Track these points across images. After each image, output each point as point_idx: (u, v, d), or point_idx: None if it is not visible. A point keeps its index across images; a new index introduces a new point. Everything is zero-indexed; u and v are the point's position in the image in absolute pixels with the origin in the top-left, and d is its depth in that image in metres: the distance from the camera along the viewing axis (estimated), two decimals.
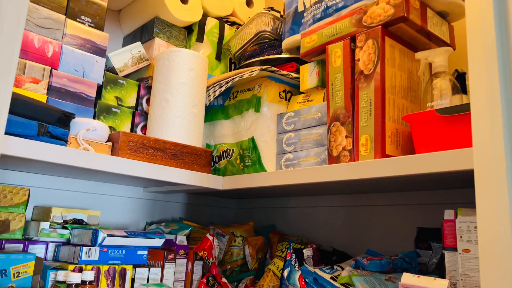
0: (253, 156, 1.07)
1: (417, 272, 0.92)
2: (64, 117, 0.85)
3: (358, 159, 0.84)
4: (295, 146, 1.01)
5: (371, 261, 0.90)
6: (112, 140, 0.96)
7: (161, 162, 1.00)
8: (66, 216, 1.03)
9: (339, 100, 0.90)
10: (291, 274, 0.87)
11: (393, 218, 1.10)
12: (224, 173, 1.16)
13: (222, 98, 1.20)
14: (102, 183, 1.21)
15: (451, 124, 0.73)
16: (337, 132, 0.89)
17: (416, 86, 0.91)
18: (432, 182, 0.87)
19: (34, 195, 1.09)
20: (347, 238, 1.19)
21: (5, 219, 0.95)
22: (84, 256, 0.91)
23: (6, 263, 0.83)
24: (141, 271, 0.99)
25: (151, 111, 1.10)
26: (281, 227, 1.38)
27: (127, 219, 1.26)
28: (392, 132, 0.83)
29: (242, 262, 1.22)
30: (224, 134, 1.17)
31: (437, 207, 1.02)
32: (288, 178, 0.94)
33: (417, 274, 0.77)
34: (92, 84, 1.03)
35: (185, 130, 1.07)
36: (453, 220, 0.77)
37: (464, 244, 0.74)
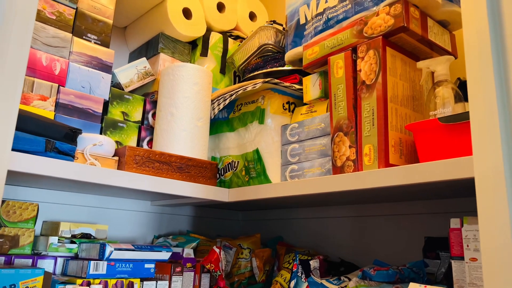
0: (258, 167, 1.07)
1: (425, 282, 0.91)
2: (71, 133, 0.87)
3: (362, 169, 0.85)
4: (299, 157, 1.01)
5: (378, 272, 0.89)
6: (118, 154, 0.97)
7: (167, 175, 1.01)
8: (74, 230, 1.04)
9: (341, 110, 0.91)
10: (298, 286, 0.87)
11: (400, 228, 1.09)
12: (230, 185, 1.16)
13: (227, 111, 1.21)
14: (109, 197, 1.22)
15: (453, 133, 0.73)
16: (340, 143, 0.89)
17: (419, 95, 0.92)
18: (438, 190, 0.87)
19: (43, 210, 1.10)
20: (355, 248, 1.18)
21: (15, 235, 0.97)
22: (92, 270, 0.92)
23: (15, 278, 0.84)
24: (149, 284, 0.99)
25: (157, 125, 1.11)
26: (289, 238, 1.38)
27: (135, 232, 1.27)
28: (396, 141, 0.84)
29: (249, 274, 1.21)
30: (229, 147, 1.18)
31: (445, 216, 1.02)
32: (293, 189, 0.94)
33: (425, 284, 0.77)
34: (98, 100, 1.05)
35: (190, 143, 1.09)
36: (459, 228, 0.77)
37: (471, 253, 0.74)
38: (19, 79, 0.57)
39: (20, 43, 0.58)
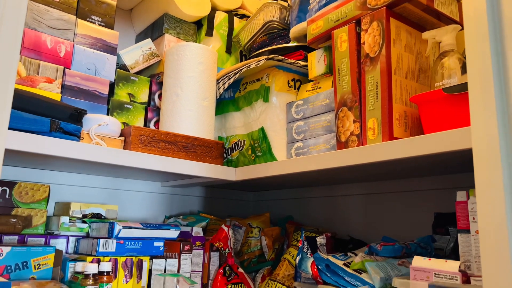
0: (264, 146, 1.07)
1: (432, 257, 0.90)
2: (76, 113, 0.88)
3: (366, 143, 0.83)
4: (304, 134, 1.01)
5: (384, 247, 0.89)
6: (124, 135, 0.98)
7: (172, 155, 1.01)
8: (84, 210, 1.06)
9: (345, 85, 0.89)
10: (303, 261, 0.87)
11: (410, 205, 1.08)
12: (237, 164, 1.17)
13: (233, 90, 1.21)
14: (120, 179, 1.24)
15: (458, 103, 0.71)
16: (344, 118, 0.88)
17: (425, 67, 0.89)
18: (445, 164, 0.85)
19: (54, 192, 1.13)
20: (364, 226, 1.17)
21: (28, 215, 0.99)
22: (101, 248, 0.94)
23: (27, 255, 0.86)
24: (158, 262, 1.01)
25: (163, 105, 1.12)
26: (298, 218, 1.38)
27: (146, 213, 1.29)
28: (400, 114, 0.82)
29: (259, 252, 1.22)
30: (235, 126, 1.18)
31: (454, 191, 1.00)
32: (298, 166, 0.93)
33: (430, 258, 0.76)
34: (104, 82, 1.06)
35: (196, 123, 1.09)
36: (466, 201, 0.75)
37: (476, 225, 0.72)
38: (14, 54, 0.57)
39: (15, 16, 0.58)
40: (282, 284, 1.02)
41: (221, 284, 1.06)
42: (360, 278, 0.82)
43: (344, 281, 0.83)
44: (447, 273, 0.69)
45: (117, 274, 0.95)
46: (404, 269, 0.84)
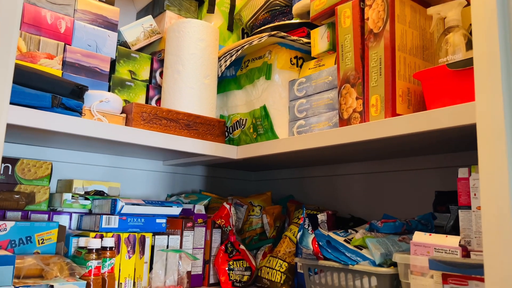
0: (265, 124, 1.07)
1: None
2: (77, 89, 0.88)
3: (368, 120, 0.83)
4: (306, 112, 1.00)
5: (385, 224, 0.89)
6: (125, 111, 0.98)
7: (174, 132, 1.01)
8: (87, 188, 1.06)
9: (349, 61, 0.88)
10: (304, 237, 0.88)
11: (411, 183, 1.08)
12: (239, 143, 1.17)
13: (234, 68, 1.20)
14: (122, 157, 1.24)
15: (462, 79, 0.71)
16: (347, 95, 0.88)
17: (429, 44, 0.88)
18: (447, 141, 0.85)
19: (57, 169, 1.13)
20: (365, 205, 1.18)
21: (31, 192, 1.00)
22: (104, 224, 0.94)
23: (31, 230, 0.87)
24: (161, 238, 1.02)
25: (164, 83, 1.11)
26: (299, 197, 1.38)
27: (148, 192, 1.30)
28: (404, 91, 0.81)
29: (260, 230, 1.23)
30: (237, 104, 1.17)
31: (455, 170, 1.00)
32: (300, 143, 0.93)
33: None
34: (105, 59, 1.05)
35: (197, 101, 1.08)
36: (467, 178, 0.75)
37: (478, 201, 0.72)
38: (14, 28, 0.57)
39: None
40: (283, 261, 1.04)
41: (223, 261, 1.08)
42: (361, 254, 0.83)
43: (344, 256, 0.84)
44: (447, 247, 0.69)
45: (120, 250, 0.96)
46: (404, 245, 0.84)
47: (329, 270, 0.86)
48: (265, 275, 1.06)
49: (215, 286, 1.11)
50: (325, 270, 0.87)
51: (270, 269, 1.05)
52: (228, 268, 1.06)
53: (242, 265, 1.09)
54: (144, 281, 0.98)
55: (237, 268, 1.08)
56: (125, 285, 0.96)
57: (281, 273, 1.02)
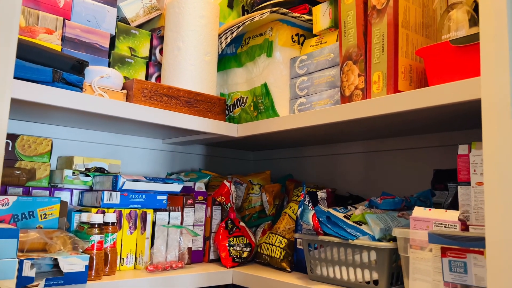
0: (266, 102, 1.07)
1: None
2: (78, 64, 0.87)
3: (370, 97, 0.83)
4: (308, 90, 1.00)
5: (384, 200, 0.90)
6: (126, 88, 0.98)
7: (175, 109, 1.01)
8: (87, 164, 1.06)
9: (351, 38, 0.88)
10: (304, 213, 0.89)
11: (410, 162, 1.09)
12: (239, 121, 1.17)
13: (235, 45, 1.19)
14: (122, 135, 1.24)
15: (465, 55, 0.71)
16: (349, 72, 0.88)
17: (432, 21, 0.88)
18: (447, 119, 0.85)
19: (57, 146, 1.13)
20: (364, 184, 1.19)
21: (31, 168, 1.00)
22: (106, 200, 0.95)
23: (33, 205, 0.88)
24: (162, 215, 1.03)
25: (164, 60, 1.10)
26: (298, 176, 1.39)
27: (148, 170, 1.30)
28: (406, 68, 0.81)
29: (260, 208, 1.24)
30: (238, 82, 1.17)
31: (454, 148, 1.01)
32: (301, 120, 0.94)
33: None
34: (105, 35, 1.04)
35: (198, 78, 1.08)
36: (467, 154, 0.76)
37: (477, 177, 0.73)
38: (16, 4, 0.56)
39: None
40: (282, 237, 1.05)
41: (223, 237, 1.09)
42: (360, 229, 0.84)
43: (344, 232, 0.85)
44: (447, 222, 0.71)
45: (121, 226, 0.97)
46: (404, 220, 0.86)
47: (329, 245, 0.87)
48: (265, 251, 1.08)
49: (215, 262, 1.12)
50: (325, 245, 0.89)
51: (270, 245, 1.06)
52: (229, 244, 1.08)
53: (242, 242, 1.10)
54: (145, 257, 0.99)
55: (237, 244, 1.09)
56: (127, 260, 0.97)
57: (280, 249, 1.03)
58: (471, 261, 0.66)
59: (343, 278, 0.85)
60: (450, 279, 0.68)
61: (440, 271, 0.70)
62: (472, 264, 0.66)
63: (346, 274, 0.85)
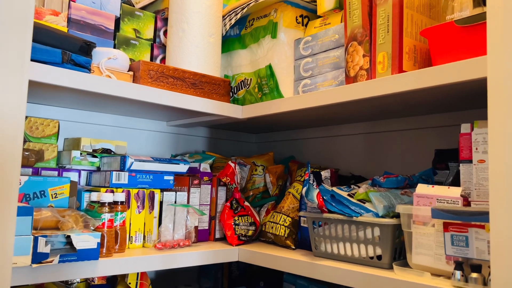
0: (271, 83, 1.08)
1: None
2: (85, 46, 0.88)
3: (375, 77, 0.85)
4: (312, 71, 1.01)
5: (387, 179, 0.93)
6: (132, 69, 0.99)
7: (181, 91, 1.02)
8: (94, 146, 1.08)
9: (356, 19, 0.89)
10: (309, 192, 0.91)
11: (411, 143, 1.11)
12: (243, 103, 1.18)
13: (238, 27, 1.20)
14: (127, 117, 1.25)
15: (469, 35, 0.72)
16: (354, 52, 0.89)
17: (436, 2, 0.89)
18: (450, 99, 0.87)
19: (63, 128, 1.14)
20: (366, 164, 1.21)
21: (39, 149, 1.01)
22: (114, 180, 0.97)
23: (44, 184, 0.89)
24: (169, 194, 1.05)
25: (169, 42, 1.11)
26: (300, 158, 1.41)
27: (152, 152, 1.32)
28: (410, 48, 0.83)
29: (263, 189, 1.27)
30: (242, 64, 1.18)
31: (455, 128, 1.03)
32: (306, 101, 0.95)
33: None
34: (110, 16, 1.04)
35: (203, 59, 1.09)
36: (469, 133, 0.78)
37: (479, 155, 0.75)
38: None
39: None
40: (287, 216, 1.07)
41: (228, 216, 1.11)
42: (364, 206, 0.87)
43: (348, 209, 0.87)
44: (449, 198, 0.73)
45: (130, 205, 0.99)
46: (406, 198, 0.88)
47: (334, 222, 0.90)
48: (269, 229, 1.10)
49: (221, 241, 1.15)
50: (329, 222, 0.91)
51: (274, 223, 1.09)
52: (234, 223, 1.10)
53: (247, 221, 1.13)
54: (153, 235, 1.02)
55: (242, 223, 1.12)
56: (135, 238, 0.99)
57: (285, 227, 1.06)
58: (473, 235, 0.68)
59: (347, 254, 0.88)
60: (452, 252, 0.70)
61: (442, 245, 0.73)
62: (473, 238, 0.68)
63: (350, 250, 0.87)
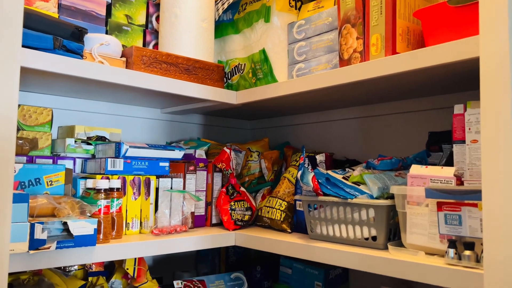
0: (265, 68, 1.08)
1: None
2: (77, 31, 0.87)
3: (369, 60, 0.85)
4: (306, 55, 1.01)
5: (381, 161, 0.93)
6: (125, 55, 0.98)
7: (174, 76, 1.02)
8: (89, 133, 1.08)
9: (349, 1, 0.88)
10: (304, 175, 0.91)
11: (405, 126, 1.11)
12: (237, 88, 1.18)
13: (231, 12, 1.19)
14: (120, 105, 1.25)
15: (462, 15, 0.72)
16: (348, 35, 0.89)
17: None
18: (443, 81, 0.87)
19: (56, 117, 1.14)
20: (360, 148, 1.22)
21: (33, 138, 1.01)
22: (109, 166, 0.97)
23: (39, 172, 0.89)
24: (164, 181, 1.05)
25: (161, 27, 1.10)
26: (295, 143, 1.42)
27: (147, 139, 1.32)
28: (403, 30, 0.83)
29: (259, 175, 1.27)
30: (235, 49, 1.17)
31: (449, 110, 1.03)
32: (300, 85, 0.95)
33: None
34: (101, 2, 1.03)
35: (196, 45, 1.08)
36: (463, 114, 0.78)
37: (472, 135, 0.76)
38: None
39: None
40: (282, 200, 1.08)
41: (224, 202, 1.12)
42: (359, 189, 0.87)
43: (343, 192, 0.88)
44: (443, 178, 0.74)
45: (126, 192, 0.99)
46: (400, 179, 0.89)
47: (329, 205, 0.91)
48: (265, 214, 1.11)
49: (218, 226, 1.16)
50: (324, 205, 0.92)
51: (270, 208, 1.10)
52: (230, 208, 1.11)
53: (243, 206, 1.14)
54: (150, 221, 1.02)
55: (238, 208, 1.12)
56: (132, 224, 1.00)
57: (281, 211, 1.07)
58: (466, 213, 0.69)
59: (343, 236, 0.89)
60: (446, 231, 0.71)
61: (436, 225, 0.74)
62: (466, 216, 0.69)
63: (346, 232, 0.88)
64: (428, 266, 0.69)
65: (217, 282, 1.11)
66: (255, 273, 1.28)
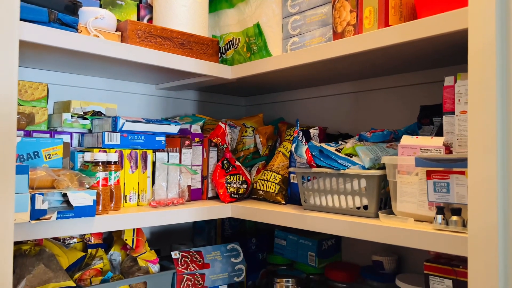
0: (259, 42, 1.08)
1: None
2: (71, 5, 0.87)
3: (362, 33, 0.86)
4: (300, 29, 1.02)
5: (373, 133, 0.95)
6: (120, 29, 0.98)
7: (169, 51, 1.02)
8: (85, 108, 1.08)
9: None
10: (298, 148, 0.93)
11: (397, 100, 1.13)
12: (232, 63, 1.18)
13: None
14: (115, 80, 1.25)
15: None
16: (341, 8, 0.90)
17: None
18: (435, 54, 0.89)
19: (52, 92, 1.14)
20: (353, 123, 1.24)
21: (30, 112, 1.02)
22: (106, 140, 0.98)
23: (37, 145, 0.90)
24: (161, 155, 1.07)
25: (155, 1, 1.10)
26: (290, 119, 1.43)
27: (142, 115, 1.33)
28: (396, 3, 0.84)
29: (254, 150, 1.29)
30: (229, 24, 1.18)
31: (439, 85, 1.05)
32: (294, 59, 0.96)
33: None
34: None
35: (190, 19, 1.08)
36: (453, 86, 0.80)
37: (461, 106, 0.78)
38: None
39: None
40: (277, 173, 1.11)
41: (220, 176, 1.14)
42: (351, 160, 0.90)
43: (336, 163, 0.90)
44: (432, 147, 0.76)
45: (123, 165, 1.01)
46: (392, 151, 0.91)
47: (322, 176, 0.93)
48: (260, 187, 1.13)
49: (214, 199, 1.18)
50: (318, 176, 0.94)
51: (265, 181, 1.12)
52: (226, 182, 1.13)
53: (238, 179, 1.16)
54: (147, 194, 1.04)
55: (234, 182, 1.15)
56: (130, 197, 1.02)
57: (275, 184, 1.09)
58: (454, 181, 0.72)
59: (335, 206, 0.92)
60: (434, 198, 0.74)
61: (425, 193, 0.76)
62: (454, 184, 0.72)
63: (338, 202, 0.91)
64: (417, 232, 0.72)
65: (214, 252, 1.14)
66: (250, 245, 1.31)
